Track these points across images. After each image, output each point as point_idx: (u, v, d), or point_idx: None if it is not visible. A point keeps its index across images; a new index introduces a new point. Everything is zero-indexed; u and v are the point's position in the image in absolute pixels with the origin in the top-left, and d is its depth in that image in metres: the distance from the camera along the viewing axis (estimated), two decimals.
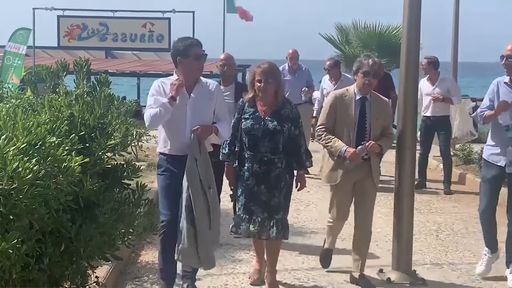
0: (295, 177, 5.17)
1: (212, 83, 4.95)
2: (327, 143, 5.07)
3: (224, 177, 5.57)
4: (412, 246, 5.94)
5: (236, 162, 5.11)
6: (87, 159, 3.23)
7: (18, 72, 14.87)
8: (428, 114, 9.41)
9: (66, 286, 3.78)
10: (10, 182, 2.53)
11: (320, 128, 5.17)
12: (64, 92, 4.07)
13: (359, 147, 4.95)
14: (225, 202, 6.49)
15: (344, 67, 14.62)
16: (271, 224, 4.90)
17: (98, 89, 3.97)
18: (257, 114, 4.97)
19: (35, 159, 2.70)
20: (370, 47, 17.03)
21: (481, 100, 8.35)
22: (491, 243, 5.70)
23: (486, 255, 5.71)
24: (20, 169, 2.56)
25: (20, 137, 2.82)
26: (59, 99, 3.83)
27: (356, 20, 19.56)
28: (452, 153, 10.62)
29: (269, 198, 4.91)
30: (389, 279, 5.89)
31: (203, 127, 4.64)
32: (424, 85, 9.48)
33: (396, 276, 5.89)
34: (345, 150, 4.96)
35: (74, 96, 3.88)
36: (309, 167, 5.22)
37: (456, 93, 9.42)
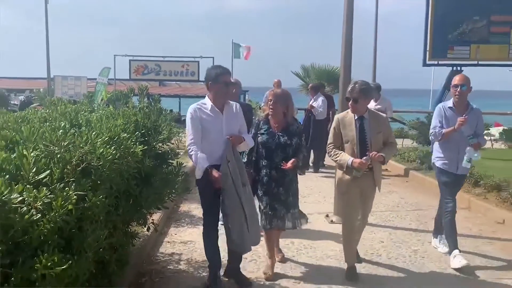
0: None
1: (235, 104, 3.91)
2: (336, 157, 4.04)
3: None
4: None
5: (252, 169, 4.14)
6: (145, 147, 3.17)
7: (102, 96, 14.79)
8: None
9: (133, 225, 3.77)
10: (98, 161, 2.50)
11: (329, 146, 4.13)
12: (132, 106, 4.03)
13: (365, 157, 3.92)
14: None
15: (305, 94, 14.53)
16: (289, 217, 4.10)
17: (152, 104, 3.94)
18: (271, 130, 4.09)
19: (113, 146, 2.67)
20: (322, 79, 16.97)
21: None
22: (455, 242, 4.47)
23: (456, 256, 4.39)
24: (104, 153, 2.53)
25: (104, 133, 2.79)
26: (129, 110, 3.78)
27: (314, 62, 19.65)
28: None
29: (286, 198, 4.06)
30: (332, 220, 5.92)
31: (236, 135, 3.72)
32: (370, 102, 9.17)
33: (336, 218, 5.89)
34: (352, 161, 3.92)
35: (138, 109, 3.86)
36: (300, 174, 4.44)
37: (390, 109, 9.04)
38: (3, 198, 1.91)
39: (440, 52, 9.81)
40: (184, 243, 5.00)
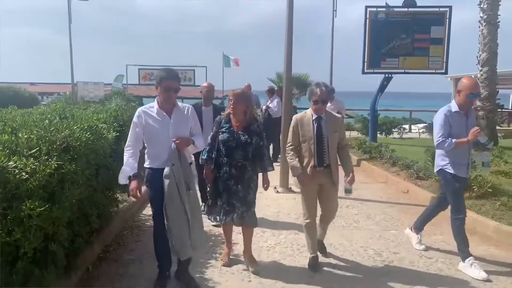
0: (262, 178, 3.60)
1: (187, 107, 3.20)
2: (290, 160, 3.56)
3: None
4: (288, 175, 6.24)
5: (213, 166, 3.49)
6: (118, 134, 3.38)
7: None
8: None
9: (116, 190, 3.98)
10: (76, 141, 2.76)
11: (288, 146, 3.59)
12: (116, 105, 4.35)
13: (347, 179, 3.43)
14: None
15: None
16: (249, 214, 3.49)
17: (129, 103, 4.25)
18: (232, 128, 3.46)
19: (89, 132, 2.92)
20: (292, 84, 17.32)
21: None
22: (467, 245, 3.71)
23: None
24: (81, 136, 2.80)
25: (83, 123, 3.05)
26: (111, 107, 4.04)
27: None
28: None
29: (245, 195, 3.45)
30: (278, 191, 6.31)
31: (182, 138, 3.00)
32: None
33: (282, 189, 6.32)
34: (299, 174, 3.48)
35: (117, 107, 4.14)
36: (270, 170, 3.60)
37: (343, 109, 8.47)
38: (3, 164, 2.34)
39: (375, 63, 10.29)
40: None
